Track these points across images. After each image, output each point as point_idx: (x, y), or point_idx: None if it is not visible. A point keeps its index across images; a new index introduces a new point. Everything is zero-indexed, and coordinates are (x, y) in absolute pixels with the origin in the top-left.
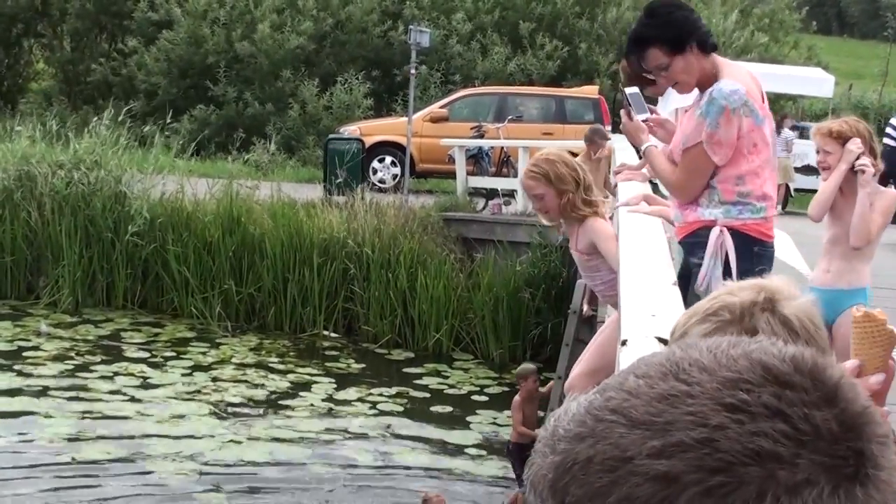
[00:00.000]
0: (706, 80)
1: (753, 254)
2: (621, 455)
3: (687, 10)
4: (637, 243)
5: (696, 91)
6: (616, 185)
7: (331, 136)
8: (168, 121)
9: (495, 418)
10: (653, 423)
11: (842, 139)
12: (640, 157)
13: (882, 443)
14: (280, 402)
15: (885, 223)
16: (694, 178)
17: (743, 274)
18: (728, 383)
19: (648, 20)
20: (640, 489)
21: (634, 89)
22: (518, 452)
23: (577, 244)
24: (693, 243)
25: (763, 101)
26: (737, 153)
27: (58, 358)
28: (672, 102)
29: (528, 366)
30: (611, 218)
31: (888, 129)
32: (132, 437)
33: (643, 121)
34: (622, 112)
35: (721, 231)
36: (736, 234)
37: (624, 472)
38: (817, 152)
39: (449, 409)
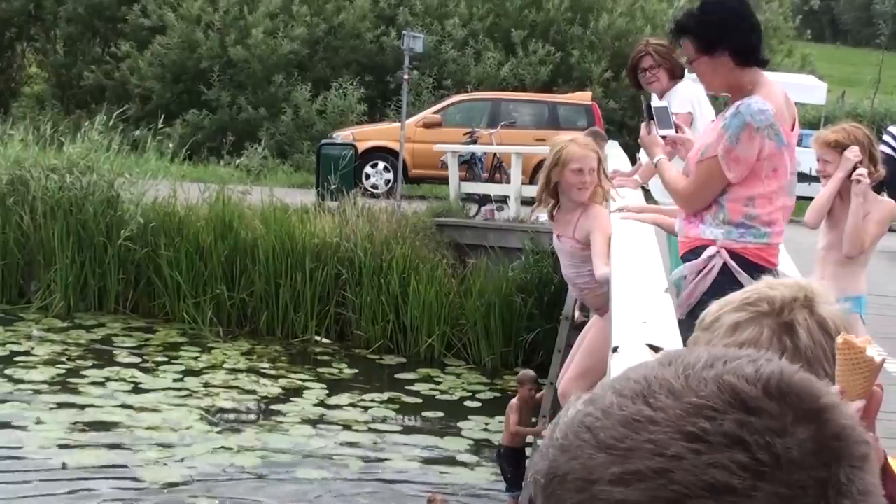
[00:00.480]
0: (739, 93)
1: (753, 280)
2: (588, 477)
3: (736, 16)
4: (629, 250)
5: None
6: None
7: (324, 141)
8: (161, 125)
9: (487, 424)
10: (616, 447)
11: (840, 148)
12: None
13: (857, 466)
14: (272, 407)
15: (880, 233)
16: (704, 191)
17: None
18: (692, 410)
19: (695, 12)
20: None
21: (664, 103)
22: (509, 456)
23: (574, 231)
24: (689, 260)
25: (793, 128)
26: (753, 175)
27: (49, 362)
28: (673, 105)
29: (528, 372)
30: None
31: (885, 138)
32: (123, 442)
33: (664, 137)
34: (643, 124)
35: (718, 252)
36: (735, 257)
37: (588, 495)
38: (817, 160)
39: (441, 414)
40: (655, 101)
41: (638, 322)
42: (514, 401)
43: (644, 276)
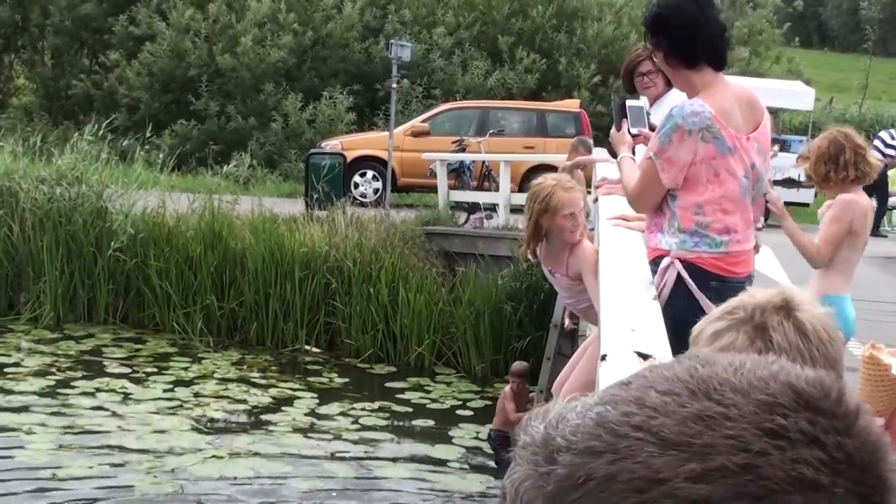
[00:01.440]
0: (692, 93)
1: (710, 289)
2: (653, 476)
3: (678, 15)
4: (618, 258)
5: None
6: (596, 199)
7: (312, 150)
8: (149, 135)
9: (478, 432)
10: (689, 444)
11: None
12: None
13: (894, 471)
14: (262, 416)
15: (840, 229)
16: (645, 192)
17: (697, 309)
18: (764, 406)
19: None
20: None
21: (639, 102)
22: (500, 440)
23: (567, 270)
24: (654, 270)
25: (753, 131)
26: (693, 180)
27: (39, 374)
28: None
29: (523, 365)
30: (591, 229)
31: (875, 143)
32: (114, 453)
33: (635, 135)
34: (616, 122)
35: (672, 262)
36: (690, 267)
37: (656, 493)
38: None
39: (431, 423)
40: (631, 101)
41: (626, 330)
42: (507, 389)
43: (632, 284)
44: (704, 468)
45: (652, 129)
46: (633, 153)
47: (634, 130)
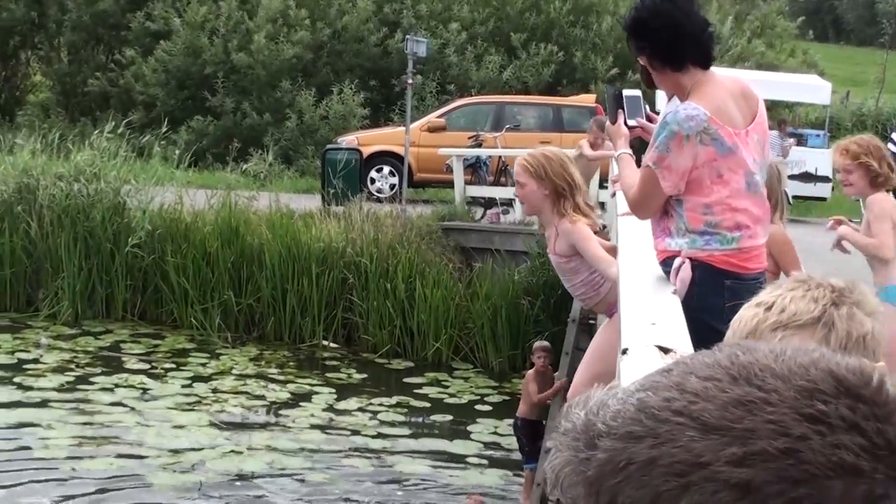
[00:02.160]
0: (683, 95)
1: (725, 287)
2: (694, 460)
3: (655, 18)
4: (637, 251)
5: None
6: (613, 194)
7: (328, 146)
8: (165, 131)
9: (496, 427)
10: (730, 428)
11: (855, 159)
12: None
13: None
14: (280, 412)
15: (888, 224)
16: (646, 199)
17: (714, 309)
18: (805, 392)
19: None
20: (716, 497)
21: (636, 92)
22: (526, 428)
23: (554, 247)
24: (665, 272)
25: (750, 123)
26: (697, 183)
27: (58, 370)
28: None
29: (543, 343)
30: (604, 227)
31: (891, 144)
32: (132, 449)
33: (631, 127)
34: (611, 114)
35: (684, 262)
36: (701, 265)
37: (697, 477)
38: (837, 171)
39: (449, 418)
40: (627, 91)
41: (647, 323)
42: (530, 372)
43: (652, 278)
44: (746, 452)
45: (649, 119)
46: (630, 146)
47: (632, 122)
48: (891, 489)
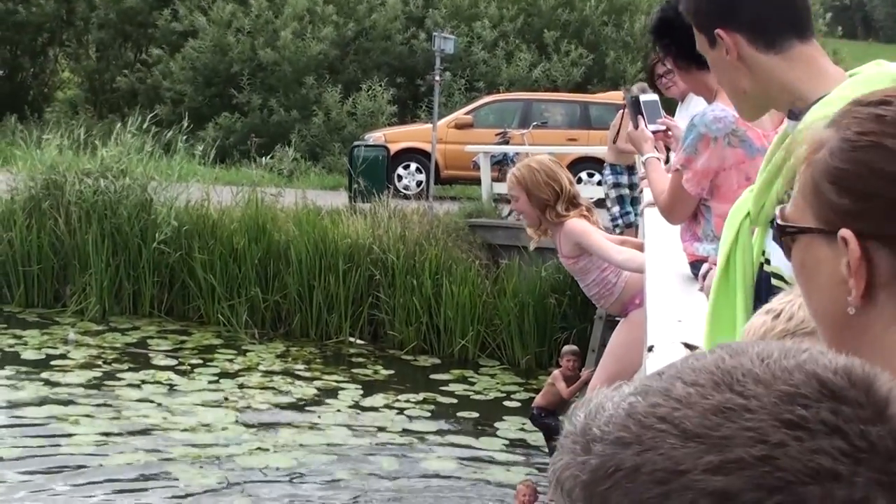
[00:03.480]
0: (710, 95)
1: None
2: (674, 468)
3: (679, 17)
4: (663, 246)
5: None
6: (641, 190)
7: (355, 142)
8: (192, 127)
9: (523, 424)
10: (708, 436)
11: None
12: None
13: None
14: (307, 408)
15: None
16: (677, 203)
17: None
18: (785, 398)
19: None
20: None
21: (653, 97)
22: (542, 418)
23: (561, 250)
24: (694, 274)
25: (780, 123)
26: (725, 187)
27: (85, 366)
28: (695, 107)
29: (571, 347)
30: (630, 226)
31: None
32: (159, 445)
33: (653, 132)
34: (632, 119)
35: (710, 269)
36: None
37: (677, 485)
38: None
39: (476, 415)
40: (644, 95)
41: (673, 320)
42: (557, 371)
43: (678, 274)
44: (722, 460)
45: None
46: (657, 150)
47: (653, 127)
48: (872, 492)
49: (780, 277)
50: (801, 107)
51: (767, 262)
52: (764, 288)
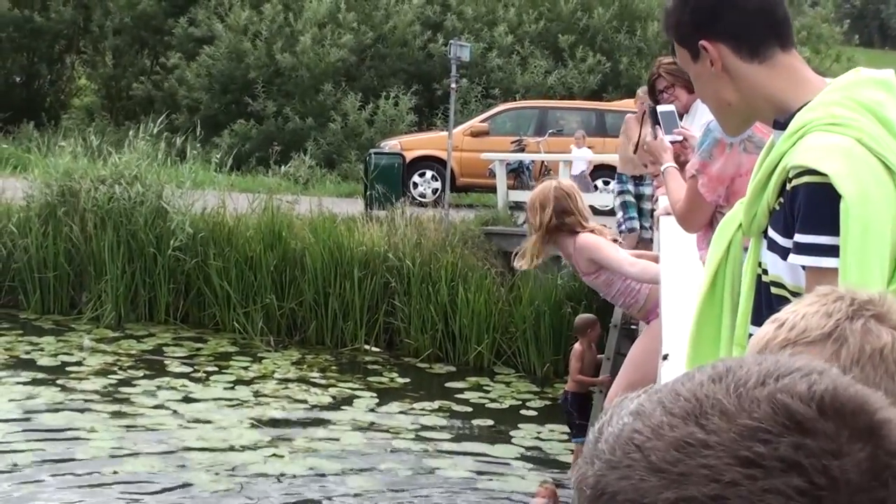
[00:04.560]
0: None
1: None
2: (639, 500)
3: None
4: (679, 254)
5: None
6: (657, 199)
7: (371, 150)
8: (205, 135)
9: (539, 432)
10: (669, 471)
11: None
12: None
13: None
14: (322, 416)
15: None
16: (693, 212)
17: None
18: (746, 433)
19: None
20: None
21: (670, 107)
22: (574, 402)
23: (579, 267)
24: None
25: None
26: (741, 194)
27: (101, 373)
28: (701, 116)
29: (584, 317)
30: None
31: None
32: (174, 451)
33: (673, 142)
34: (649, 129)
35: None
36: None
37: None
38: None
39: (491, 422)
40: (661, 106)
41: (688, 329)
42: (576, 346)
43: (694, 282)
44: (677, 497)
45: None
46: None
47: (670, 137)
48: None
49: (781, 286)
50: (786, 116)
51: (765, 272)
52: (764, 298)
